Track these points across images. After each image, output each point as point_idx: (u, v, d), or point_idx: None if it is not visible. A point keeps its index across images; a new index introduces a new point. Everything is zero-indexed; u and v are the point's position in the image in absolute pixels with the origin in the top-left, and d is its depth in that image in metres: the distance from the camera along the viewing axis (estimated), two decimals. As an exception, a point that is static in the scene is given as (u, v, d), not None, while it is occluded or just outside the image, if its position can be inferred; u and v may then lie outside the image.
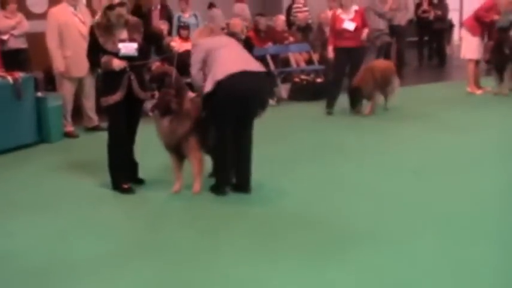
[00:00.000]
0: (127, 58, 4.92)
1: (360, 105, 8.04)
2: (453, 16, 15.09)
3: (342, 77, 8.11)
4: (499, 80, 9.19)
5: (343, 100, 8.12)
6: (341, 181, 5.23)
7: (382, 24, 10.92)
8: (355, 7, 8.04)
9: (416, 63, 13.36)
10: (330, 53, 8.08)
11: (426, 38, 13.43)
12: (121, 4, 4.90)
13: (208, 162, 5.30)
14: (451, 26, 14.72)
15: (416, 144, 6.45)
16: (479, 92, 9.32)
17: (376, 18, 10.97)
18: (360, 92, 7.83)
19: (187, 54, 8.70)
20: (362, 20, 8.07)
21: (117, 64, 4.87)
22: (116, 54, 4.89)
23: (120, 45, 4.91)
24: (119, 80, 4.94)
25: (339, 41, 7.96)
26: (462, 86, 9.56)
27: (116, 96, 4.95)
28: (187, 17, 10.29)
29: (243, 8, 12.64)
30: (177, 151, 4.98)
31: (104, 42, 4.91)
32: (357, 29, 7.96)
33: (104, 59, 4.89)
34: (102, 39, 4.91)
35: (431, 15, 12.90)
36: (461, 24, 9.93)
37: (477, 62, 9.35)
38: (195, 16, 10.53)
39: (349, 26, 7.93)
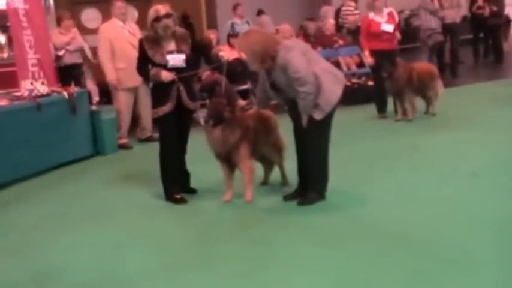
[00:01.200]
0: (175, 69, 4.91)
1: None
2: (510, 11, 14.51)
3: (384, 79, 7.86)
4: None
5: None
6: (398, 187, 5.04)
7: (434, 23, 10.65)
8: (386, 9, 7.92)
9: (472, 61, 12.91)
10: (368, 57, 7.89)
11: (481, 35, 12.96)
12: (167, 16, 4.90)
13: (259, 170, 5.22)
14: (507, 21, 14.15)
15: (472, 146, 6.14)
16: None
17: (427, 17, 10.70)
18: (391, 79, 7.53)
19: (237, 62, 8.78)
20: (395, 21, 7.95)
21: (165, 76, 4.87)
22: (165, 66, 4.90)
23: (168, 57, 4.91)
24: (168, 92, 4.94)
25: (375, 44, 7.79)
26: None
27: (166, 108, 4.95)
28: (240, 23, 10.28)
29: (327, 10, 12.47)
30: (228, 160, 4.91)
31: (152, 55, 4.93)
32: (394, 31, 7.83)
33: (153, 71, 4.91)
34: (150, 52, 4.93)
35: (486, 11, 12.42)
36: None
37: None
38: (248, 23, 10.51)
39: (388, 27, 7.81)
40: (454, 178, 5.12)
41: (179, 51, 4.96)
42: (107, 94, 8.01)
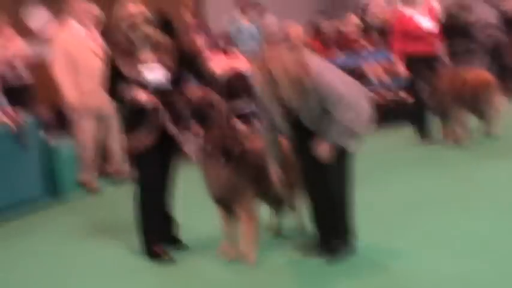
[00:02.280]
0: (159, 90, 4.98)
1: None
2: None
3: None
4: None
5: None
6: (451, 238, 5.09)
7: (493, 16, 10.69)
8: (425, 2, 8.05)
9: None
10: (400, 66, 8.00)
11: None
12: (146, 21, 4.97)
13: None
14: None
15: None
16: None
17: (484, 7, 10.74)
18: (434, 93, 7.65)
19: (237, 77, 8.79)
20: (437, 17, 8.08)
21: (146, 100, 4.92)
22: (144, 85, 4.96)
23: (142, 68, 4.96)
24: (149, 119, 4.99)
25: (413, 47, 7.92)
26: None
27: (146, 140, 5.01)
28: (247, 26, 10.34)
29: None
30: (228, 205, 4.95)
31: (128, 72, 4.96)
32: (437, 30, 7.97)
33: (129, 94, 4.91)
34: (125, 68, 4.96)
35: None
36: None
37: None
38: (257, 28, 10.50)
39: (429, 25, 7.90)
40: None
41: (159, 64, 5.02)
42: (63, 122, 8.08)
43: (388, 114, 9.33)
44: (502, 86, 8.38)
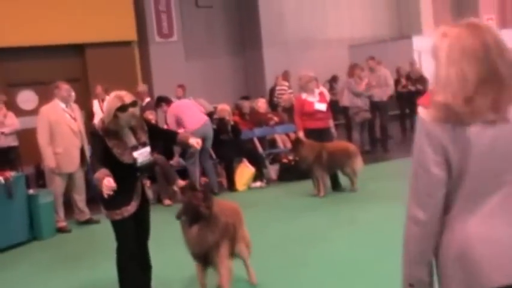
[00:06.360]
0: (141, 166, 4.20)
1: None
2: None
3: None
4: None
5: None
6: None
7: (360, 102, 11.16)
8: (317, 90, 8.32)
9: (400, 135, 13.59)
10: (303, 138, 8.14)
11: (408, 111, 13.74)
12: (134, 104, 4.07)
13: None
14: (431, 99, 15.12)
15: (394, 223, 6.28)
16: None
17: (352, 96, 11.22)
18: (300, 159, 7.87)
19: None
20: (327, 100, 8.35)
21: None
22: (131, 166, 4.13)
23: (135, 154, 4.12)
24: (133, 188, 4.19)
25: (310, 123, 8.09)
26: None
27: (131, 207, 4.16)
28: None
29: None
30: (205, 259, 4.33)
31: (120, 155, 4.07)
32: (327, 109, 8.19)
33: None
34: (117, 150, 4.07)
35: (410, 89, 13.28)
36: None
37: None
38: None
39: (321, 106, 8.16)
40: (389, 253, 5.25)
41: (142, 144, 4.20)
42: (42, 176, 7.88)
43: (290, 171, 9.41)
44: (372, 151, 8.56)
